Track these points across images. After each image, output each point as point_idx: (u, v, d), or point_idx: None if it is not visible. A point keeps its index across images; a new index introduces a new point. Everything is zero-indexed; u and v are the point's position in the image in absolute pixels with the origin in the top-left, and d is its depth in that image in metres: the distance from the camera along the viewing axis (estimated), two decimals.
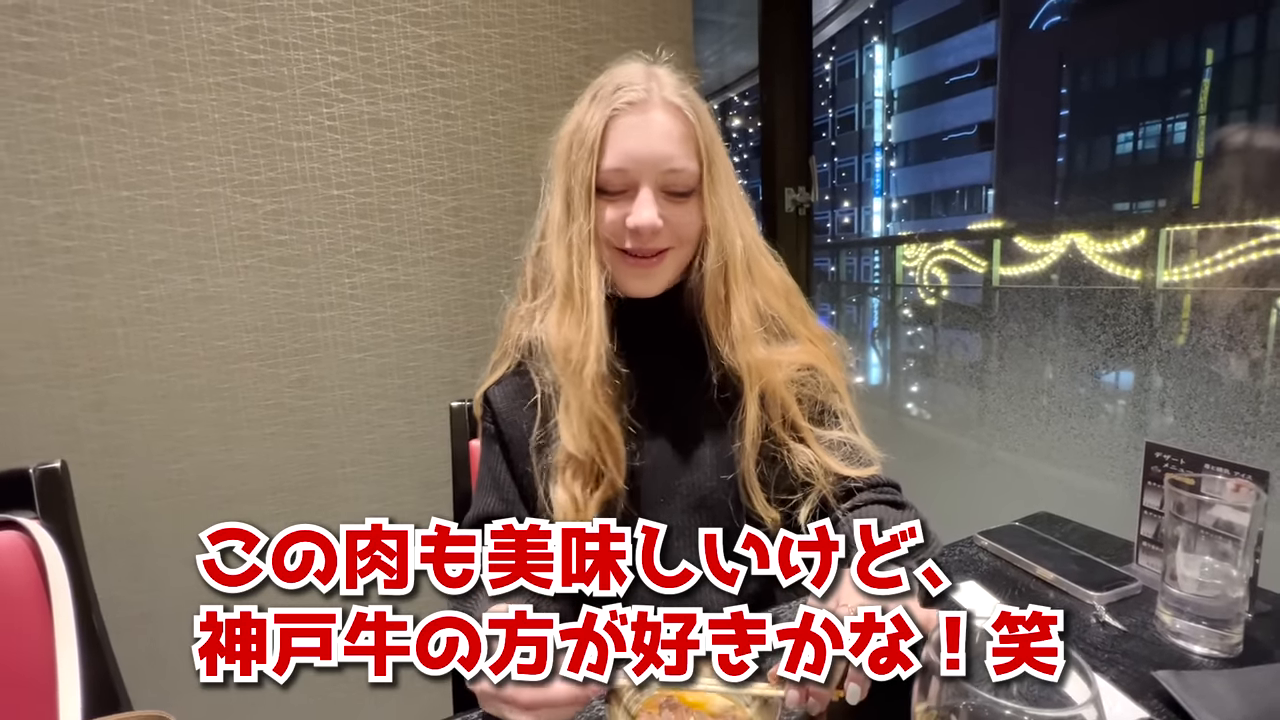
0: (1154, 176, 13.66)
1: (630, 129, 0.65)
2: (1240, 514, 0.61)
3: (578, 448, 0.64)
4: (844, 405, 0.71)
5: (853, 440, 0.69)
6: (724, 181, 0.68)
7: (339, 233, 1.18)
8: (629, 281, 0.69)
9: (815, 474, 0.67)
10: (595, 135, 0.64)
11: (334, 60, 1.14)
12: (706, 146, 0.66)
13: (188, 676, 0.41)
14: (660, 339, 0.72)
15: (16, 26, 0.96)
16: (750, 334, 0.67)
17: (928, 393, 3.25)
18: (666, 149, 0.64)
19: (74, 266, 1.03)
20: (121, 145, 1.03)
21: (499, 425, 0.72)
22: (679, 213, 0.66)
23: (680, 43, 1.42)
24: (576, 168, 0.65)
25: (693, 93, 0.69)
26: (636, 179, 0.65)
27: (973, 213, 22.07)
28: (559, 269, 0.67)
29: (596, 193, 0.66)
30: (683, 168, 0.65)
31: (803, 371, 0.70)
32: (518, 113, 1.28)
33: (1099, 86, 15.84)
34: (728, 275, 0.68)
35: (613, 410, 0.66)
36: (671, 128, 0.65)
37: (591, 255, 0.66)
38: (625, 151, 0.64)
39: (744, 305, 0.68)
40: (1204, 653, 0.60)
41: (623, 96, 0.65)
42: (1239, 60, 12.06)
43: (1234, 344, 1.61)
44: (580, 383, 0.64)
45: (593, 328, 0.65)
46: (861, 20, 21.56)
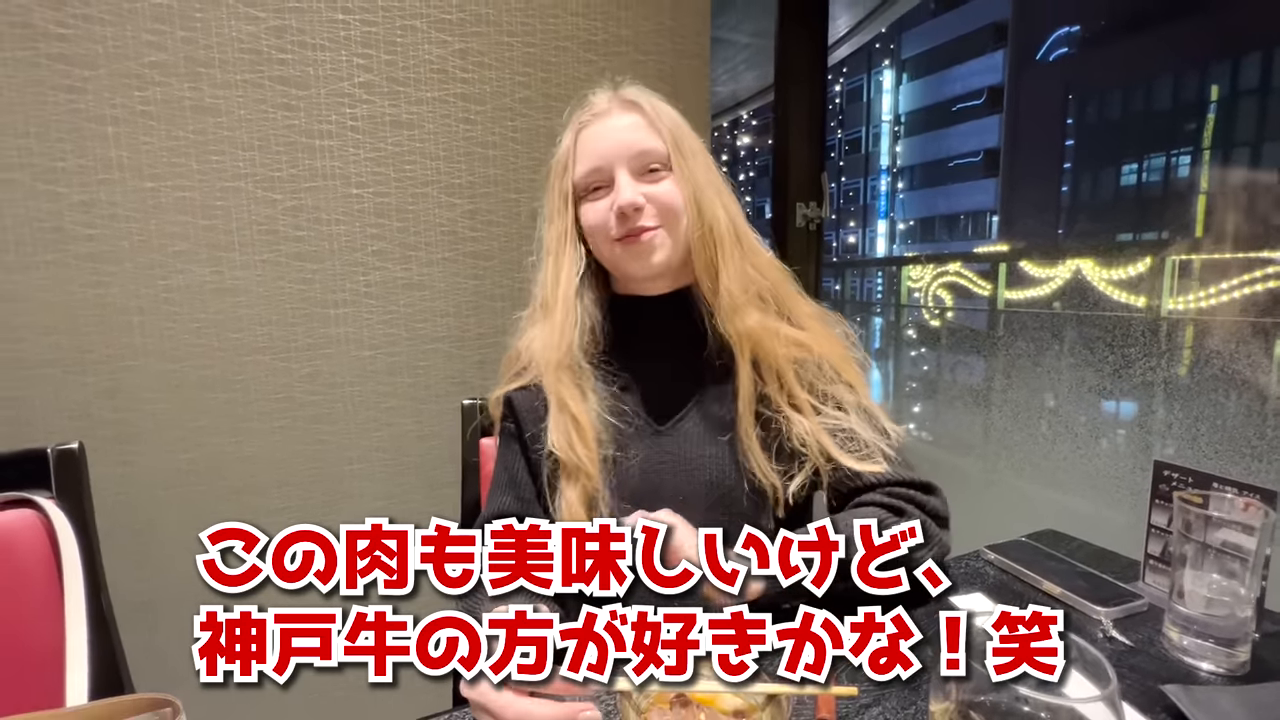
0: (1158, 208, 13.73)
1: (595, 134, 0.71)
2: (1248, 533, 0.61)
3: (557, 445, 0.66)
4: (853, 394, 0.70)
5: (855, 430, 0.68)
6: (695, 158, 0.71)
7: (356, 231, 1.20)
8: (629, 265, 0.71)
9: (809, 445, 0.67)
10: (568, 151, 0.72)
11: (359, 62, 1.16)
12: (670, 129, 0.70)
13: (188, 668, 0.41)
14: (668, 334, 0.73)
15: (53, 19, 0.98)
16: (740, 303, 0.69)
17: (930, 413, 3.25)
18: (630, 136, 0.70)
19: (95, 255, 1.04)
20: (148, 137, 1.05)
21: (520, 425, 0.73)
22: (658, 189, 0.69)
23: (697, 58, 1.45)
24: (556, 185, 0.73)
25: (654, 95, 0.73)
26: (610, 172, 0.69)
27: (977, 238, 22.18)
28: (545, 278, 0.73)
29: (580, 199, 0.72)
30: (649, 148, 0.69)
31: (802, 351, 0.70)
32: (536, 120, 1.30)
33: (1104, 118, 15.99)
34: (714, 242, 0.70)
35: (580, 401, 0.67)
36: (631, 119, 0.71)
37: (565, 254, 0.71)
38: (594, 152, 0.70)
39: (733, 274, 0.69)
40: (1211, 670, 0.60)
41: (587, 112, 0.73)
42: (1244, 97, 12.17)
43: (1240, 370, 1.62)
44: (551, 375, 0.68)
45: (557, 321, 0.70)
46: (872, 45, 21.85)
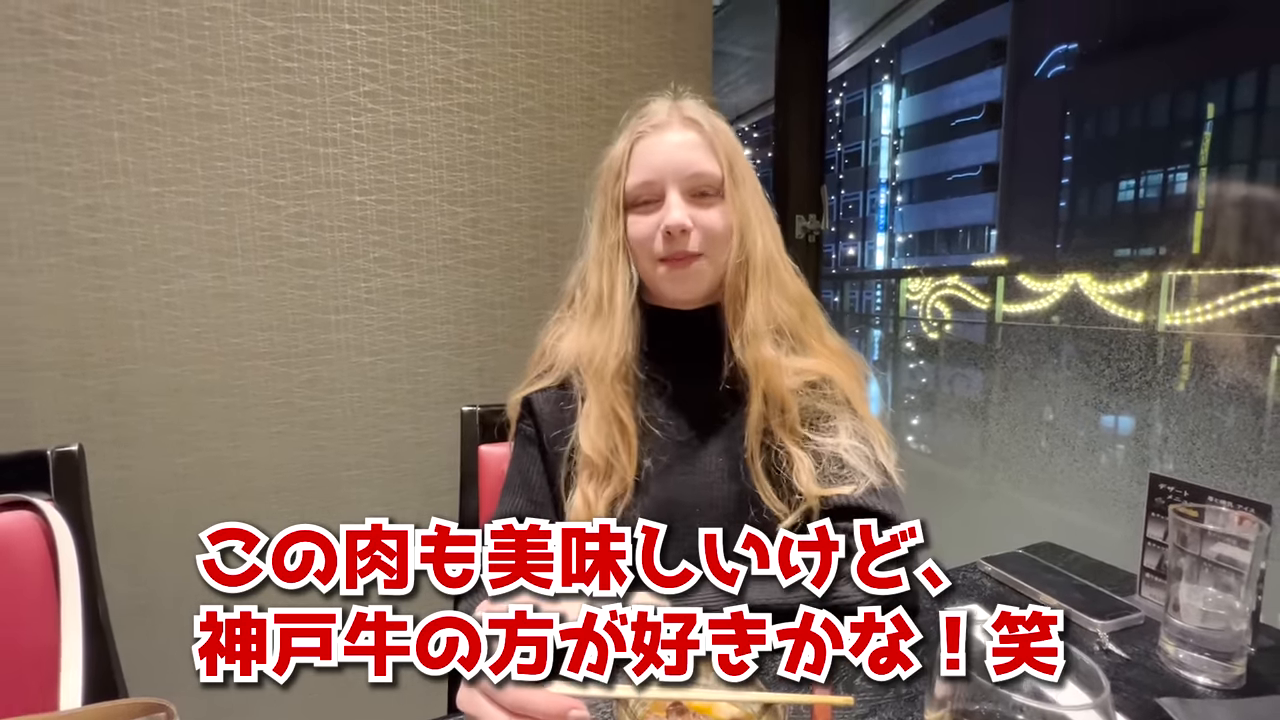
0: (1155, 224, 13.83)
1: (652, 146, 0.71)
2: (1243, 546, 0.61)
3: (592, 446, 0.66)
4: (856, 422, 0.70)
5: (845, 457, 0.67)
6: (747, 185, 0.71)
7: (358, 238, 1.20)
8: (667, 287, 0.72)
9: (805, 486, 0.66)
10: (622, 158, 0.71)
11: (364, 71, 1.17)
12: (727, 154, 0.70)
13: (182, 672, 0.41)
14: (697, 349, 0.74)
15: (63, 25, 0.99)
16: (760, 332, 0.69)
17: (928, 425, 3.25)
18: (687, 155, 0.69)
19: (99, 258, 1.05)
20: (154, 143, 1.06)
21: (539, 428, 0.73)
22: (707, 215, 0.70)
23: (699, 71, 1.46)
24: (608, 190, 0.72)
25: (713, 113, 0.73)
26: (662, 188, 0.69)
27: (976, 251, 22.29)
28: (592, 282, 0.72)
29: (629, 208, 0.71)
30: (705, 170, 0.69)
31: (811, 382, 0.70)
32: (539, 130, 1.31)
33: (1102, 135, 16.14)
34: (747, 271, 0.70)
35: (631, 409, 0.68)
36: (691, 138, 0.71)
37: (619, 265, 0.71)
38: (649, 165, 0.70)
39: (758, 304, 0.70)
40: (1207, 683, 0.60)
41: (646, 121, 0.72)
42: (1239, 115, 12.30)
43: (1235, 385, 1.63)
44: (601, 382, 0.68)
45: (615, 331, 0.69)
46: (871, 60, 22.05)
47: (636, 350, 0.71)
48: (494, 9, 1.25)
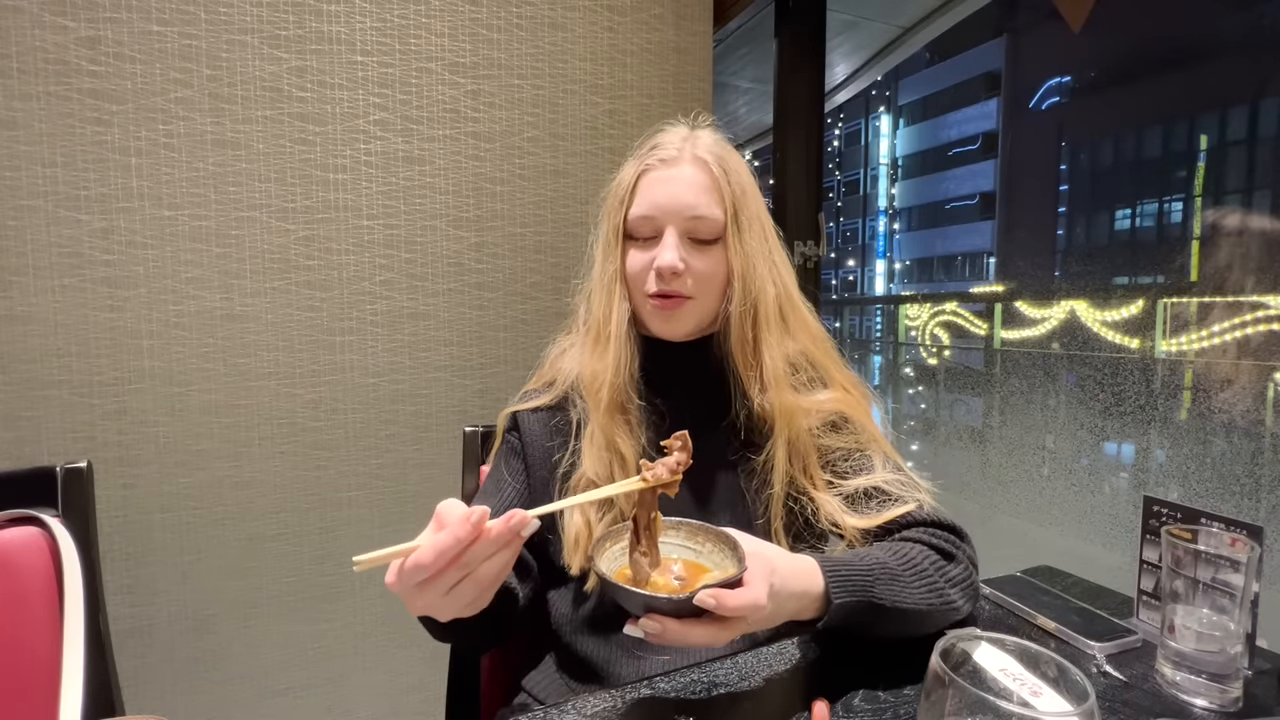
0: (1151, 253, 13.96)
1: (658, 180, 0.70)
2: (1236, 568, 0.62)
3: (593, 470, 0.66)
4: (877, 449, 0.70)
5: (888, 488, 0.67)
6: (753, 230, 0.70)
7: (365, 261, 1.23)
8: (653, 323, 0.72)
9: (841, 523, 0.66)
10: (627, 186, 0.71)
11: (375, 101, 1.21)
12: (734, 198, 0.69)
13: (176, 693, 0.42)
14: (688, 381, 0.73)
15: (87, 56, 1.03)
16: (782, 379, 0.68)
17: (928, 450, 3.25)
18: (690, 198, 0.68)
19: (111, 279, 1.07)
20: (170, 169, 1.09)
21: (524, 443, 0.74)
22: (702, 260, 0.69)
23: (700, 103, 1.50)
24: (611, 215, 0.72)
25: (728, 150, 0.72)
26: (662, 225, 0.69)
27: (974, 278, 22.45)
28: (595, 307, 0.73)
29: (627, 239, 0.71)
30: (706, 215, 0.68)
31: (832, 418, 0.70)
32: (542, 158, 1.35)
33: (1097, 165, 16.38)
34: (756, 319, 0.69)
35: (629, 437, 0.68)
36: (697, 179, 0.69)
37: (617, 294, 0.71)
38: (651, 200, 0.69)
39: (776, 351, 0.69)
40: (1205, 706, 0.60)
41: (656, 154, 0.71)
42: (1232, 146, 12.50)
43: (1232, 411, 1.64)
44: (598, 408, 0.68)
45: (610, 360, 0.69)
46: (869, 91, 22.46)
47: (633, 378, 0.70)
48: (501, 42, 1.30)
